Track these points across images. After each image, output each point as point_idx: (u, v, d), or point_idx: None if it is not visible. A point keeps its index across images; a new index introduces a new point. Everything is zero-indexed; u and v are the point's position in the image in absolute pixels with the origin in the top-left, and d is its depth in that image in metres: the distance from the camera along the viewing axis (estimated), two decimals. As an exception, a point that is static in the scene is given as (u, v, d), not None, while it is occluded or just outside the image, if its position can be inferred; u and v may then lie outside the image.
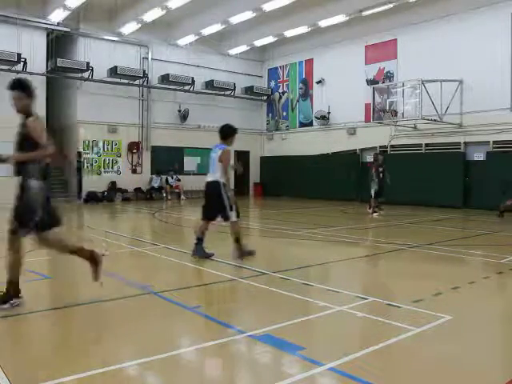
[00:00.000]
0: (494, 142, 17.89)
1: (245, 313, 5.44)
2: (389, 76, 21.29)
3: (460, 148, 18.83)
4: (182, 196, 23.29)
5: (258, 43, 24.37)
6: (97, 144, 22.12)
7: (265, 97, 27.09)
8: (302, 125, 25.44)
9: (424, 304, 5.38)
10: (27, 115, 5.03)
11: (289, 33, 22.61)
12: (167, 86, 23.47)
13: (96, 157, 22.15)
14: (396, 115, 19.27)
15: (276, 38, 23.58)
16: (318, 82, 24.33)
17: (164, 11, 19.42)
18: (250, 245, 8.36)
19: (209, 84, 24.44)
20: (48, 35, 20.95)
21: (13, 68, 19.41)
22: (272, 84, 27.13)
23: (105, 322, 4.91)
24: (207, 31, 22.27)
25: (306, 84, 25.23)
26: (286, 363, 3.94)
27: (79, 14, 20.81)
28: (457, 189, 18.34)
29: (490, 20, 17.76)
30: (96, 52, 21.55)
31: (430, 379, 3.62)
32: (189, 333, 4.70)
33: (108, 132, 22.31)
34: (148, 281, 6.61)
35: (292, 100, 26.09)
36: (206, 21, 21.33)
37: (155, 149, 23.54)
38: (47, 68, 20.70)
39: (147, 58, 23.28)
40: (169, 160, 23.64)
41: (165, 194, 23.08)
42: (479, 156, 18.34)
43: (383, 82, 21.06)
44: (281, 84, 26.71)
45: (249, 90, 26.19)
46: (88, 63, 20.79)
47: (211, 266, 7.49)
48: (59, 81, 22.00)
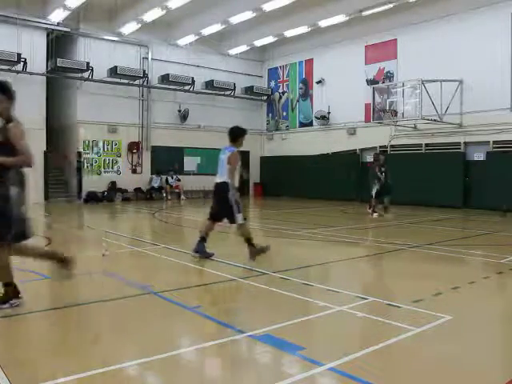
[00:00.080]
0: (494, 142, 17.89)
1: (245, 313, 5.43)
2: (389, 76, 21.29)
3: (460, 148, 18.83)
4: (182, 196, 23.30)
5: (258, 43, 24.36)
6: (97, 144, 22.12)
7: (265, 97, 27.10)
8: (302, 125, 25.44)
9: (424, 304, 5.38)
10: (7, 120, 4.86)
11: (289, 33, 22.59)
12: (167, 86, 23.47)
13: (96, 157, 22.15)
14: (396, 115, 19.25)
15: (276, 38, 23.56)
16: (318, 82, 24.33)
17: (164, 11, 19.40)
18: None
19: (209, 84, 24.43)
20: (48, 35, 20.94)
21: (13, 68, 19.40)
22: (272, 84, 27.13)
23: (105, 322, 4.91)
24: (207, 31, 22.26)
25: (306, 84, 25.23)
26: (286, 363, 3.94)
27: (79, 14, 20.82)
28: (457, 189, 18.34)
29: (490, 20, 17.75)
30: (96, 52, 21.55)
31: (430, 379, 3.62)
32: (189, 333, 4.70)
33: (108, 132, 22.32)
34: (148, 281, 6.61)
35: (292, 100, 26.09)
36: (206, 21, 21.33)
37: (155, 149, 23.55)
38: (47, 68, 20.69)
39: (147, 58, 23.28)
40: (169, 160, 23.65)
41: (165, 194, 23.09)
42: (479, 156, 18.33)
43: (383, 82, 21.05)
44: (281, 84, 26.71)
45: (249, 90, 26.18)
46: (88, 63, 20.78)
47: (211, 266, 7.49)
48: (59, 81, 22.00)
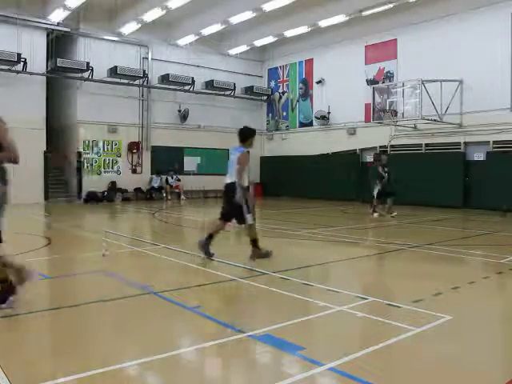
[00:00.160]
0: (494, 142, 17.89)
1: (245, 313, 5.43)
2: (389, 76, 21.29)
3: (460, 148, 18.83)
4: (182, 196, 23.30)
5: (258, 43, 24.36)
6: (97, 144, 22.12)
7: (265, 97, 27.09)
8: (302, 125, 25.44)
9: (424, 304, 5.38)
10: None
11: (289, 33, 22.59)
12: (167, 86, 23.47)
13: (96, 157, 22.15)
14: (396, 115, 19.25)
15: (276, 38, 23.56)
16: (318, 82, 24.33)
17: (164, 11, 19.40)
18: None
19: (209, 84, 24.44)
20: (48, 35, 20.95)
21: (13, 68, 19.42)
22: (272, 84, 27.13)
23: (105, 322, 4.92)
24: (207, 31, 22.27)
25: (306, 84, 25.23)
26: (286, 363, 3.94)
27: (79, 14, 20.83)
28: (457, 189, 18.33)
29: (490, 20, 17.75)
30: (96, 52, 21.55)
31: (430, 379, 3.62)
32: (189, 333, 4.70)
33: (108, 132, 22.32)
34: (148, 281, 6.61)
35: (292, 100, 26.09)
36: (206, 21, 21.33)
37: (155, 149, 23.55)
38: (47, 68, 20.70)
39: (147, 58, 23.29)
40: (169, 160, 23.64)
41: (165, 194, 23.09)
42: (479, 156, 18.33)
43: (383, 82, 21.06)
44: (281, 84, 26.70)
45: (249, 90, 26.18)
46: (88, 63, 20.78)
47: (211, 266, 7.50)
48: (59, 81, 22.00)
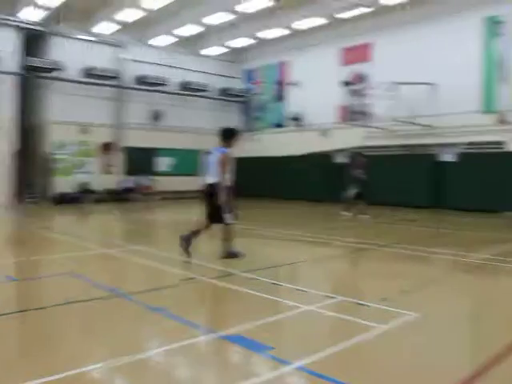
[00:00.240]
0: (466, 144, 18.19)
1: (214, 313, 5.43)
2: (363, 78, 21.48)
3: (432, 149, 19.07)
4: (155, 197, 23.09)
5: (234, 45, 24.37)
6: (69, 144, 21.81)
7: (239, 98, 27.09)
8: (277, 126, 25.48)
9: (392, 302, 5.43)
10: None
11: (265, 35, 22.65)
12: (141, 87, 23.31)
13: (68, 157, 21.85)
14: (370, 117, 19.44)
15: (252, 40, 23.59)
16: (293, 84, 24.42)
17: (139, 11, 19.27)
18: (219, 245, 8.24)
19: (183, 85, 24.36)
20: (20, 34, 20.57)
21: (-19, 67, 19.06)
22: (247, 85, 27.14)
23: (72, 325, 4.85)
24: (183, 32, 22.20)
25: (281, 86, 25.30)
26: (256, 363, 3.95)
27: (53, 13, 20.43)
28: (429, 189, 18.55)
29: (462, 25, 18.10)
30: (70, 51, 21.26)
31: (398, 375, 3.67)
32: (157, 334, 4.66)
33: (81, 132, 22.01)
34: (116, 283, 6.55)
35: (267, 101, 26.14)
36: (182, 22, 21.28)
37: (128, 149, 23.31)
38: (19, 67, 20.33)
39: (122, 59, 23.06)
40: (142, 161, 23.42)
41: (137, 195, 22.85)
42: (451, 157, 18.59)
43: (358, 84, 21.24)
44: (256, 85, 26.73)
45: (224, 91, 26.17)
46: (61, 63, 20.53)
47: (180, 267, 7.45)
48: (31, 80, 21.63)
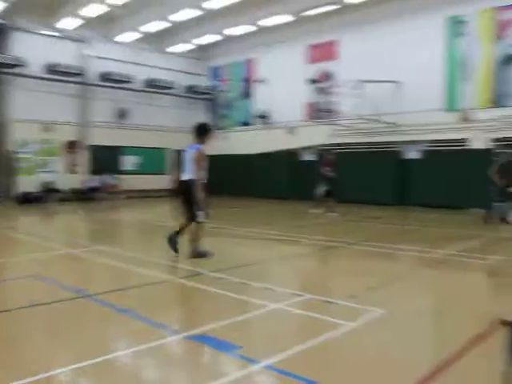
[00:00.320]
0: (430, 141, 18.53)
1: (181, 313, 5.39)
2: (330, 76, 21.63)
3: (397, 147, 19.36)
4: (121, 196, 22.80)
5: (200, 41, 24.24)
6: (32, 143, 21.34)
7: (206, 95, 26.95)
8: (244, 124, 25.48)
9: (359, 299, 5.50)
10: None
11: (231, 32, 22.59)
12: (106, 84, 22.97)
13: (31, 156, 21.37)
14: (336, 114, 19.61)
15: (218, 37, 23.50)
16: (260, 81, 24.44)
17: (104, 7, 18.96)
18: (186, 244, 8.19)
19: (149, 82, 24.13)
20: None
21: None
22: (213, 83, 27.03)
23: (37, 328, 4.76)
24: (149, 28, 21.95)
25: (248, 83, 25.29)
26: (224, 363, 3.95)
27: (15, 7, 19.95)
28: (394, 186, 18.83)
29: (426, 24, 18.39)
30: (32, 47, 20.75)
31: (365, 372, 3.71)
32: (124, 336, 4.61)
33: (44, 130, 21.56)
34: (82, 284, 6.45)
35: (233, 99, 26.09)
36: (148, 18, 21.02)
37: (93, 148, 22.92)
38: (-24, 63, 19.80)
39: (86, 55, 22.65)
40: (107, 159, 23.07)
41: (103, 194, 22.53)
42: (415, 154, 18.91)
43: (324, 82, 21.40)
44: (222, 83, 26.65)
45: (190, 89, 26.03)
46: (23, 58, 20.04)
47: (147, 267, 7.37)
48: (-9, 77, 21.10)
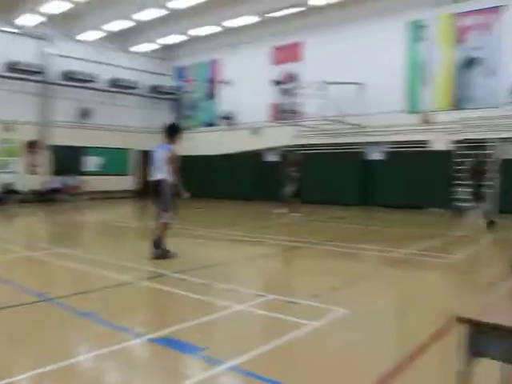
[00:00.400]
0: (393, 143, 18.85)
1: (144, 316, 5.34)
2: (294, 77, 21.77)
3: (361, 148, 19.63)
4: (83, 197, 22.43)
5: (165, 41, 24.06)
6: (-9, 143, 20.81)
7: (170, 96, 26.75)
8: (208, 125, 25.40)
9: (322, 299, 5.56)
10: None
11: (196, 32, 22.50)
12: (69, 83, 22.54)
13: (-10, 156, 20.83)
14: (300, 116, 19.75)
15: (183, 37, 23.37)
16: (225, 82, 24.42)
17: (67, 4, 18.60)
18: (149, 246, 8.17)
19: (113, 82, 23.81)
20: None
21: None
22: (178, 83, 26.86)
23: (-5, 332, 4.64)
24: (112, 27, 21.67)
25: (213, 84, 25.23)
26: (188, 365, 3.94)
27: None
28: (358, 187, 19.08)
29: (388, 28, 18.72)
30: (-11, 44, 20.27)
31: (328, 371, 3.74)
32: (86, 339, 4.53)
33: (3, 130, 21.02)
34: (44, 287, 6.33)
35: (198, 100, 25.99)
36: (112, 16, 20.74)
37: (55, 148, 22.46)
38: None
39: (48, 53, 22.18)
40: (69, 160, 22.63)
41: (64, 196, 22.11)
42: (379, 155, 19.21)
43: (289, 83, 21.52)
44: (187, 83, 26.51)
45: (154, 89, 25.81)
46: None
47: (109, 269, 7.26)
48: None
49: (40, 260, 8.32)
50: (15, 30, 21.02)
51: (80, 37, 22.68)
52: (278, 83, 21.86)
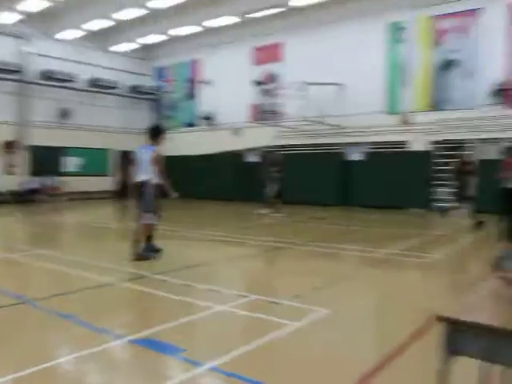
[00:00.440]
0: (372, 143, 19.01)
1: (124, 317, 5.30)
2: (275, 78, 21.81)
3: (340, 148, 19.75)
4: (62, 198, 22.19)
5: (145, 41, 23.92)
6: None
7: (150, 96, 26.60)
8: (189, 125, 25.32)
9: (304, 299, 5.58)
10: None
11: (177, 32, 22.41)
12: (47, 83, 22.27)
13: (-34, 157, 20.50)
14: (280, 116, 19.80)
15: (163, 37, 23.26)
16: (205, 82, 24.37)
17: (45, 2, 18.38)
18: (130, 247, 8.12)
19: (92, 82, 23.58)
20: None
21: None
22: (158, 83, 26.72)
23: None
24: (92, 26, 21.47)
25: (193, 84, 25.16)
26: (168, 366, 3.93)
27: None
28: (338, 187, 19.19)
29: (369, 29, 18.87)
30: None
31: (309, 371, 3.76)
32: (66, 342, 4.49)
33: (-20, 130, 20.75)
34: (22, 289, 6.24)
35: (178, 100, 25.89)
36: (91, 15, 20.54)
37: (33, 148, 22.19)
38: None
39: (26, 52, 21.89)
40: (48, 160, 22.37)
41: (43, 197, 21.85)
42: (359, 156, 19.35)
43: (269, 84, 21.55)
44: (167, 83, 26.39)
45: (134, 89, 25.63)
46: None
47: (89, 270, 7.19)
48: None
49: (18, 262, 8.21)
50: (-8, 28, 20.74)
51: (59, 36, 22.43)
52: (259, 83, 21.88)
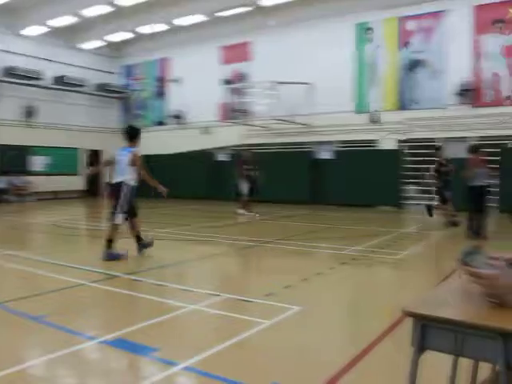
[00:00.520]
0: (341, 142, 19.23)
1: (95, 318, 5.26)
2: (244, 77, 21.84)
3: (310, 147, 19.91)
4: (30, 198, 21.81)
5: (113, 38, 23.65)
6: None
7: (118, 94, 26.31)
8: (158, 123, 25.15)
9: (275, 297, 5.63)
10: None
11: (145, 30, 22.23)
12: (12, 80, 21.80)
13: None
14: (250, 115, 19.85)
15: (132, 35, 23.04)
16: (174, 81, 24.24)
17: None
18: (100, 247, 8.06)
19: (59, 79, 23.19)
20: None
21: None
22: (126, 81, 26.46)
23: None
24: (59, 22, 21.10)
25: (162, 82, 25.00)
26: (140, 366, 3.92)
27: None
28: (309, 185, 19.32)
29: (338, 29, 19.11)
30: None
31: (283, 369, 3.79)
32: (36, 344, 4.43)
33: None
34: (-10, 291, 6.12)
35: (147, 98, 25.69)
36: (58, 11, 20.17)
37: (-1, 147, 21.76)
38: None
39: (-13, 48, 21.43)
40: (15, 159, 21.91)
41: (10, 197, 21.44)
42: (328, 155, 19.54)
43: (238, 83, 21.56)
44: (136, 81, 26.16)
45: (102, 87, 25.30)
46: None
47: (59, 271, 7.10)
48: None
49: (-15, 263, 8.05)
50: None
51: (24, 32, 21.97)
52: (228, 82, 21.87)
